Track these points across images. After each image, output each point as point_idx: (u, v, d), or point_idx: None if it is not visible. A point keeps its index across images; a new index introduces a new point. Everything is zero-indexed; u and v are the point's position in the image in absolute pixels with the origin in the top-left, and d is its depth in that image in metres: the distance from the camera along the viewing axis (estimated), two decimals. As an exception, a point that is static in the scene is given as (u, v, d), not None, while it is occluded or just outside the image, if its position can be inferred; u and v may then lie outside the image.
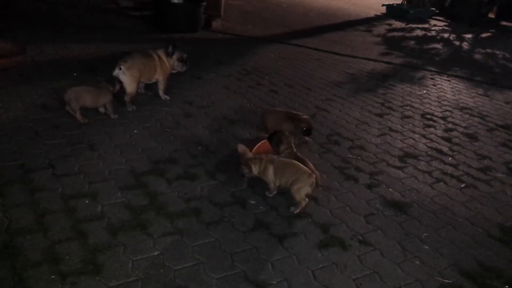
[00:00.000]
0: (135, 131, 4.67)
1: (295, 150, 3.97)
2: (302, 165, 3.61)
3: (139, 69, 5.09)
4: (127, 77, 4.98)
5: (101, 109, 4.91)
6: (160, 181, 3.81)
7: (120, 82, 4.94)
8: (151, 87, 5.66)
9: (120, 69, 4.94)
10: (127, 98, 5.14)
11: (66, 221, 3.16)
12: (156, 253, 2.97)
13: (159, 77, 5.48)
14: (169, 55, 5.50)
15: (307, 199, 3.54)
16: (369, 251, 3.25)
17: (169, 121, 5.00)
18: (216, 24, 10.39)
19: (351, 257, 3.16)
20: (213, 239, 3.17)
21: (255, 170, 3.67)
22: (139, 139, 4.51)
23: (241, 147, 3.81)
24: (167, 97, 5.63)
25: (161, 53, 5.47)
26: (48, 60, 6.54)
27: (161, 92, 5.61)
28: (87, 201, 3.41)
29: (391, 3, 15.21)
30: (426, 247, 3.37)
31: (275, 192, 3.75)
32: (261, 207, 3.60)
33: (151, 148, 4.35)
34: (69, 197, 3.43)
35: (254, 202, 3.66)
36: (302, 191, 3.50)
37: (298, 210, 3.57)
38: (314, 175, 3.53)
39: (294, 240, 3.26)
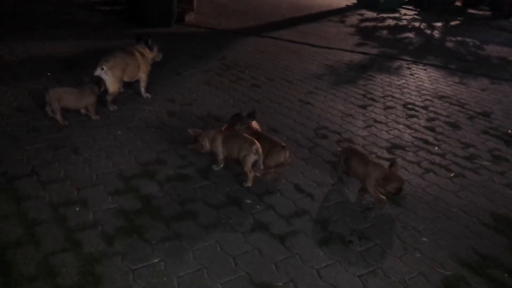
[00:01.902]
0: (119, 132, 4.52)
1: (252, 127, 4.16)
2: (246, 135, 3.84)
3: (122, 68, 4.92)
4: (109, 77, 4.80)
5: (83, 110, 4.72)
6: (151, 183, 3.69)
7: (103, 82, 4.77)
8: (130, 85, 5.50)
9: (103, 69, 4.75)
10: (109, 98, 4.96)
11: (57, 231, 3.02)
12: (156, 260, 2.87)
13: (142, 75, 5.32)
14: (150, 48, 5.38)
15: (253, 172, 3.77)
16: (370, 246, 3.23)
17: (153, 121, 4.86)
18: (189, 17, 10.22)
19: (353, 253, 3.13)
20: (213, 241, 3.09)
21: (207, 143, 3.95)
22: (124, 140, 4.36)
23: (192, 131, 4.04)
24: (149, 95, 5.47)
25: (141, 48, 5.31)
26: (19, 59, 6.28)
27: (143, 90, 5.45)
28: (77, 209, 3.27)
29: (361, -7, 15.31)
30: (424, 239, 3.38)
31: (222, 165, 3.99)
32: (257, 206, 3.54)
33: (137, 150, 4.21)
34: (58, 205, 3.28)
35: (250, 201, 3.59)
36: (247, 159, 3.70)
37: (249, 184, 3.78)
38: (256, 144, 3.70)
39: (294, 239, 3.21)
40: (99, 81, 4.71)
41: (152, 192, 3.58)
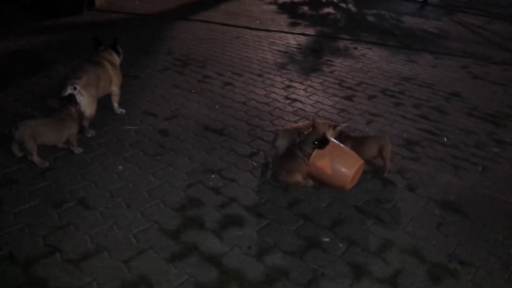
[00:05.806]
0: (120, 167, 3.63)
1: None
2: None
3: (96, 85, 3.94)
4: (85, 98, 3.81)
5: (60, 144, 3.70)
6: (205, 236, 2.97)
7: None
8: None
9: (75, 88, 3.73)
10: (86, 123, 3.97)
11: (140, 336, 2.24)
12: None
13: (114, 88, 4.35)
14: (119, 54, 4.44)
15: None
16: (472, 270, 2.97)
17: (148, 145, 4.00)
18: (99, 1, 8.92)
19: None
20: (327, 306, 2.57)
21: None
22: (132, 178, 3.50)
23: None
24: (123, 110, 4.53)
25: (108, 56, 4.33)
26: None
27: (116, 105, 4.50)
28: (143, 293, 2.48)
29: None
30: None
31: None
32: (340, 245, 3.04)
33: (157, 189, 3.40)
34: (116, 293, 2.46)
35: (327, 239, 3.09)
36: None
37: None
38: None
39: (403, 282, 2.81)
40: (72, 100, 3.70)
41: (215, 248, 2.88)
